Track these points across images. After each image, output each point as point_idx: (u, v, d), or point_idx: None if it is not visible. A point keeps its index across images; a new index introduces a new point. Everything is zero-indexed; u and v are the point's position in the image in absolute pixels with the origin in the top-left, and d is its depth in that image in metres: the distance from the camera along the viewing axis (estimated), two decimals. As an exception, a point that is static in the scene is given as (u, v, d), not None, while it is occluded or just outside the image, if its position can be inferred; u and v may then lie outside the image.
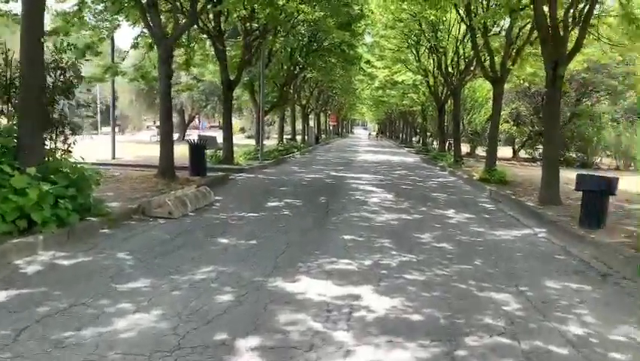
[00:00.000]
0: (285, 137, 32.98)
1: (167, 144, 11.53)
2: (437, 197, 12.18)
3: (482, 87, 32.37)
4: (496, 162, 15.93)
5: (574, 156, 28.11)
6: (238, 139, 48.23)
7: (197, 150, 12.59)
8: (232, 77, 16.87)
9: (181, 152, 13.19)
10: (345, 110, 68.19)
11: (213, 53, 17.36)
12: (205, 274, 5.37)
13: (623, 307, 4.87)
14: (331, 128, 63.71)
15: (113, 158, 17.46)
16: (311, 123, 43.61)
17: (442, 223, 8.97)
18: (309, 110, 41.60)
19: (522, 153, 32.36)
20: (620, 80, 26.64)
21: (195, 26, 16.38)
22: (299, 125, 41.83)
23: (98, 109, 57.14)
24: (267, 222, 8.39)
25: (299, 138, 38.43)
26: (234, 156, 16.83)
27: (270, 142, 31.11)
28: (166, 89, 11.37)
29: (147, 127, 54.20)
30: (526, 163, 27.83)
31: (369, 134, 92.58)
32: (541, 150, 31.62)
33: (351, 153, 33.86)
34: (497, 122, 16.48)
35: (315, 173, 17.01)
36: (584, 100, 27.81)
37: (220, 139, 19.15)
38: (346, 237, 7.48)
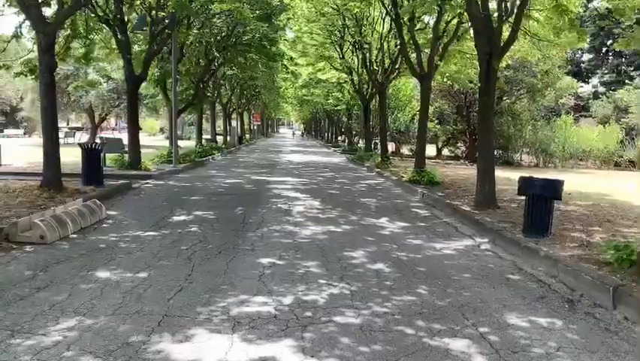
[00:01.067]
0: (205, 138, 31.07)
1: (51, 149, 9.64)
2: (367, 203, 11.10)
3: (406, 86, 32.08)
4: (425, 162, 15.15)
5: (495, 153, 28.30)
6: (157, 140, 45.61)
7: (91, 155, 10.76)
8: (138, 73, 15.01)
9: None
10: (269, 109, 66.66)
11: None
12: (62, 334, 3.86)
13: (612, 353, 3.87)
14: (255, 128, 61.96)
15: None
16: (234, 123, 41.80)
17: (375, 236, 7.84)
18: (230, 109, 39.80)
19: (445, 152, 32.42)
20: (539, 78, 27.08)
21: (93, 15, 14.43)
22: (222, 126, 39.88)
23: (-3, 109, 52.22)
24: (168, 243, 6.89)
25: (221, 138, 36.54)
26: (142, 160, 14.98)
27: (191, 143, 29.11)
28: (47, 82, 9.49)
29: (70, 130, 49.66)
30: (450, 161, 27.72)
31: (294, 133, 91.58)
32: (463, 149, 31.99)
33: (276, 153, 32.49)
34: (425, 121, 15.73)
35: (234, 177, 15.50)
36: (505, 98, 28.05)
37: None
38: (264, 260, 6.14)
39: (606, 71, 49.56)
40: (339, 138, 50.34)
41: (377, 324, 4.26)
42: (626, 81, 41.09)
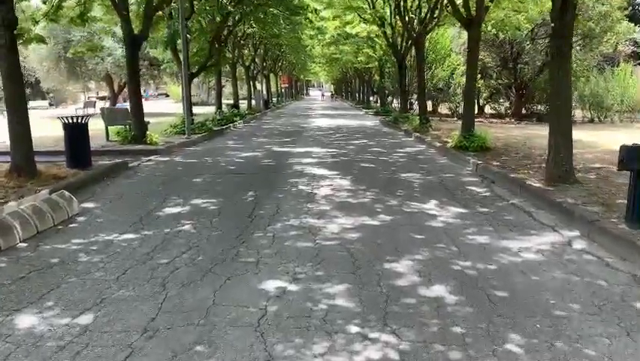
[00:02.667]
0: (227, 103, 29.18)
1: (18, 122, 7.83)
2: (409, 179, 9.01)
3: (444, 38, 29.23)
4: (474, 124, 12.84)
5: (543, 110, 25.49)
6: (178, 107, 43.90)
7: (75, 131, 8.95)
8: (137, 32, 13.04)
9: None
10: (297, 70, 64.13)
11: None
12: None
13: None
14: (283, 90, 59.70)
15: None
16: (259, 87, 39.69)
17: (424, 230, 5.83)
18: (255, 71, 37.62)
19: (487, 109, 29.70)
20: (596, 22, 23.93)
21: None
22: (243, 90, 37.86)
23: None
24: (144, 253, 5.05)
25: (244, 103, 34.58)
26: (147, 132, 13.16)
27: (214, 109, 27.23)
28: (7, 44, 7.60)
29: (89, 100, 48.26)
30: (494, 120, 25.11)
31: (323, 94, 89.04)
32: (507, 106, 29.14)
33: (304, 118, 30.39)
34: (474, 75, 13.33)
35: (252, 150, 13.56)
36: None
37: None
38: (270, 285, 4.24)
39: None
40: (372, 99, 47.70)
41: None
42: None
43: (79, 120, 8.95)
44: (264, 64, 39.78)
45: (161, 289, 4.20)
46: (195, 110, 31.19)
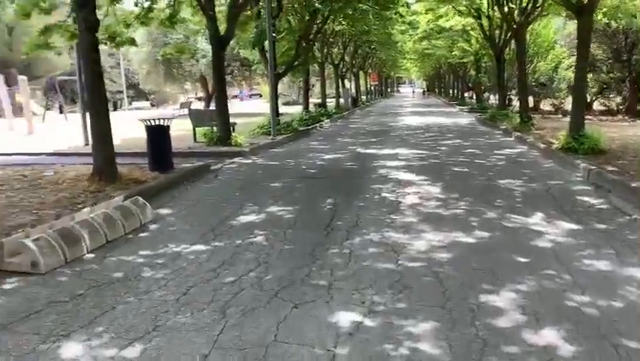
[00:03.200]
0: (315, 102, 28.96)
1: (98, 126, 7.82)
2: (509, 187, 8.01)
3: (547, 29, 27.05)
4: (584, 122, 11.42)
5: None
6: (269, 108, 44.47)
7: (157, 134, 8.87)
8: (223, 32, 12.93)
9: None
10: (387, 67, 62.97)
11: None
12: None
13: None
14: (373, 88, 58.87)
15: (86, 144, 14.03)
16: (347, 85, 39.20)
17: (529, 252, 4.95)
18: (344, 69, 37.16)
19: (595, 105, 27.10)
20: None
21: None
22: (332, 89, 37.48)
23: (124, 81, 54.65)
24: (210, 269, 4.64)
25: (332, 102, 34.21)
26: (232, 133, 13.03)
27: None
28: (87, 45, 7.59)
29: (187, 100, 50.19)
30: (604, 117, 22.76)
31: (413, 91, 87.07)
32: (618, 102, 26.37)
33: (393, 116, 29.48)
34: (584, 70, 11.87)
35: (336, 151, 13.02)
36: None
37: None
38: (341, 318, 3.64)
39: None
40: (466, 95, 45.67)
41: None
42: None
43: (161, 123, 8.85)
44: (354, 62, 39.22)
45: (221, 316, 3.73)
46: (285, 109, 31.37)
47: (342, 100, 35.20)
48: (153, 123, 8.79)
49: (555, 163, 10.11)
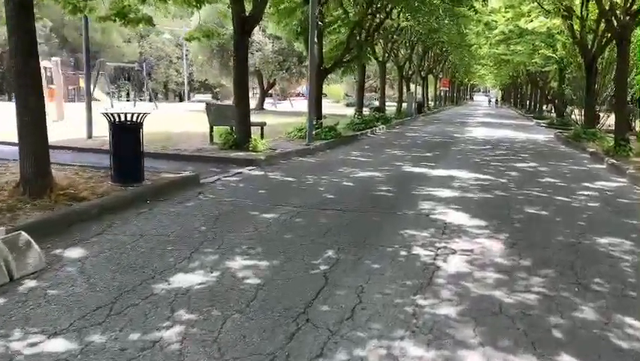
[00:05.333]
0: (373, 106, 26.39)
1: (24, 122, 5.70)
2: (612, 253, 5.19)
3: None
4: None
5: None
6: (337, 108, 41.98)
7: (124, 134, 6.68)
8: (249, 12, 10.69)
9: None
10: (460, 73, 59.16)
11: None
12: None
13: None
14: (443, 94, 55.32)
15: (89, 137, 12.27)
16: (414, 89, 36.26)
17: None
18: (410, 72, 34.30)
19: None
20: None
21: None
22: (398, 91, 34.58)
23: (185, 73, 54.13)
24: None
25: (391, 107, 31.42)
26: (251, 137, 10.76)
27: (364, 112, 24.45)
28: (15, 12, 5.50)
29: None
30: None
31: (489, 100, 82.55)
32: None
33: (460, 126, 26.38)
34: None
35: (377, 166, 10.46)
36: None
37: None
38: None
39: None
40: (544, 108, 41.46)
41: None
42: None
43: (128, 119, 6.64)
44: (422, 64, 36.24)
45: None
46: (346, 111, 28.94)
47: (405, 105, 32.39)
48: (119, 118, 6.61)
49: (676, 212, 7.10)
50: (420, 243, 5.21)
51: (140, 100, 40.17)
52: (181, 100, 56.54)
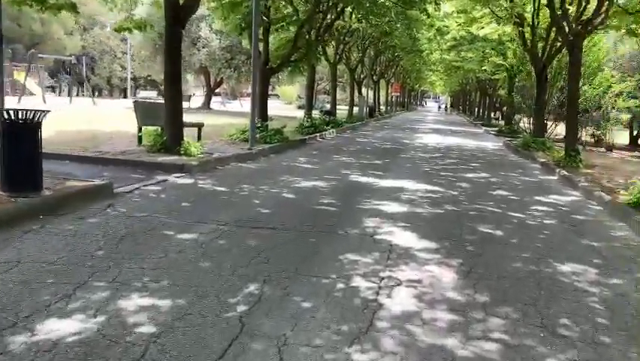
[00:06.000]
0: (325, 109, 25.72)
1: None
2: (577, 284, 4.56)
3: (597, 47, 23.43)
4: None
5: None
6: (288, 110, 41.02)
7: (17, 133, 5.60)
8: (183, 1, 9.71)
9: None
10: (412, 78, 59.49)
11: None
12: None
13: None
14: (394, 99, 55.40)
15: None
16: (366, 93, 35.88)
17: None
18: (362, 75, 33.88)
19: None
20: None
21: None
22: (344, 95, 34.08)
23: (129, 68, 51.87)
24: None
25: (342, 110, 30.87)
26: (183, 139, 9.76)
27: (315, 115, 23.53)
28: None
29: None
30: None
31: (439, 107, 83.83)
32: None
33: (410, 132, 26.06)
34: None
35: (322, 175, 9.69)
36: None
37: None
38: None
39: None
40: (492, 115, 42.03)
41: None
42: None
43: (22, 116, 5.56)
44: (374, 68, 35.90)
45: None
46: (297, 113, 28.13)
47: (356, 109, 31.91)
48: (11, 115, 5.54)
49: (635, 232, 6.63)
50: (361, 271, 4.44)
51: (84, 95, 38.04)
52: (125, 97, 54.28)
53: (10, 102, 25.44)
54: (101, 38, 56.28)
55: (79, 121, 16.67)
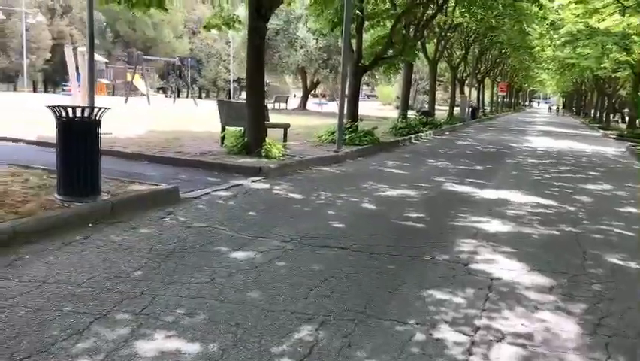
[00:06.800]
0: (422, 109, 24.41)
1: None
2: None
3: None
4: None
5: None
6: (386, 111, 39.97)
7: (71, 131, 5.19)
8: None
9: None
10: (520, 77, 55.86)
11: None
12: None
13: None
14: (500, 100, 52.30)
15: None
16: (469, 92, 33.90)
17: None
18: (464, 74, 32.03)
19: None
20: None
21: None
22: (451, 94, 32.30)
23: (232, 69, 53.27)
24: None
25: (442, 111, 29.25)
26: (266, 141, 9.16)
27: (411, 115, 22.36)
28: None
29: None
30: None
31: (550, 107, 78.47)
32: None
33: (516, 134, 24.02)
34: None
35: (412, 182, 8.66)
36: None
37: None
38: None
39: None
40: (612, 117, 38.13)
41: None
42: None
43: (80, 114, 5.14)
44: (478, 66, 33.82)
45: None
46: (392, 114, 27.11)
47: (457, 109, 30.18)
48: (70, 113, 5.14)
49: None
50: (449, 317, 3.44)
51: (191, 96, 39.38)
52: (228, 98, 56.06)
53: (117, 102, 26.84)
54: (208, 41, 58.55)
55: (174, 121, 16.87)
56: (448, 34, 22.97)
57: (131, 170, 7.83)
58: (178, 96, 41.05)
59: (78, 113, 5.14)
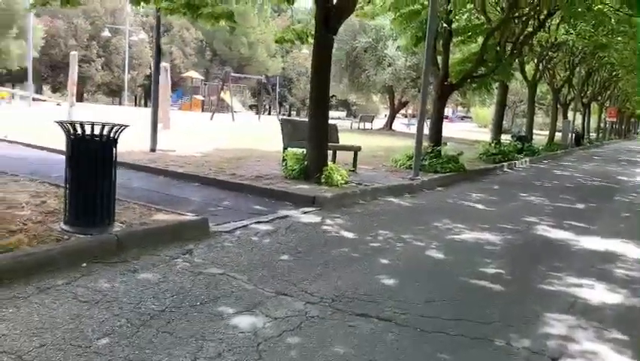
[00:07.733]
0: (518, 134, 22.40)
1: None
2: None
3: None
4: None
5: None
6: (477, 133, 37.76)
7: (81, 151, 4.48)
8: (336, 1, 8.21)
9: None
10: (632, 102, 50.99)
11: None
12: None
13: None
14: (608, 125, 47.95)
15: (152, 150, 10.67)
16: (571, 116, 31.06)
17: None
18: (569, 97, 29.35)
19: None
20: None
21: None
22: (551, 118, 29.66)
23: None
24: None
25: (541, 136, 26.79)
26: (327, 165, 8.19)
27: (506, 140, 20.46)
28: None
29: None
30: None
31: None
32: None
33: (627, 166, 21.30)
34: None
35: (497, 222, 7.28)
36: None
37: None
38: None
39: None
40: None
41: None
42: None
43: (91, 133, 4.42)
44: (584, 89, 30.91)
45: None
46: (484, 137, 25.22)
47: (559, 134, 27.62)
48: (80, 130, 4.46)
49: None
50: None
51: (283, 114, 39.63)
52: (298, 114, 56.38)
53: (204, 118, 27.21)
54: (299, 60, 59.23)
55: (249, 138, 16.42)
56: (550, 53, 20.92)
57: (176, 193, 7.19)
58: (269, 114, 41.33)
59: (88, 130, 4.43)
